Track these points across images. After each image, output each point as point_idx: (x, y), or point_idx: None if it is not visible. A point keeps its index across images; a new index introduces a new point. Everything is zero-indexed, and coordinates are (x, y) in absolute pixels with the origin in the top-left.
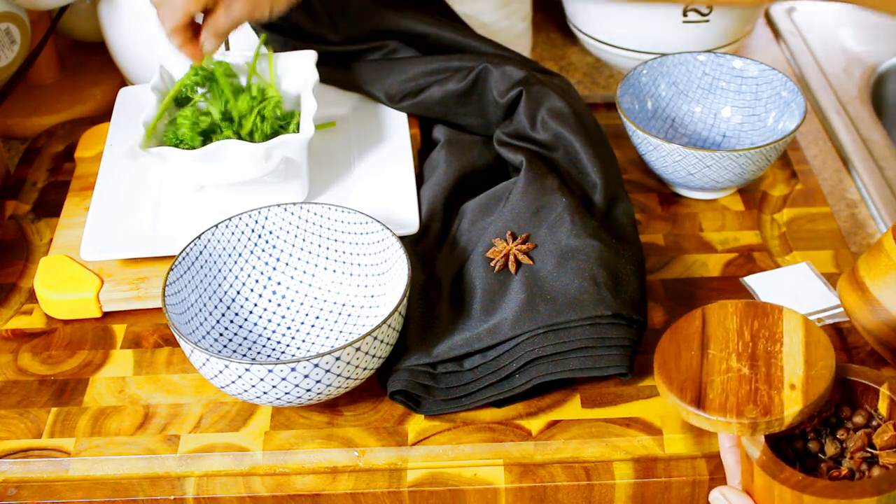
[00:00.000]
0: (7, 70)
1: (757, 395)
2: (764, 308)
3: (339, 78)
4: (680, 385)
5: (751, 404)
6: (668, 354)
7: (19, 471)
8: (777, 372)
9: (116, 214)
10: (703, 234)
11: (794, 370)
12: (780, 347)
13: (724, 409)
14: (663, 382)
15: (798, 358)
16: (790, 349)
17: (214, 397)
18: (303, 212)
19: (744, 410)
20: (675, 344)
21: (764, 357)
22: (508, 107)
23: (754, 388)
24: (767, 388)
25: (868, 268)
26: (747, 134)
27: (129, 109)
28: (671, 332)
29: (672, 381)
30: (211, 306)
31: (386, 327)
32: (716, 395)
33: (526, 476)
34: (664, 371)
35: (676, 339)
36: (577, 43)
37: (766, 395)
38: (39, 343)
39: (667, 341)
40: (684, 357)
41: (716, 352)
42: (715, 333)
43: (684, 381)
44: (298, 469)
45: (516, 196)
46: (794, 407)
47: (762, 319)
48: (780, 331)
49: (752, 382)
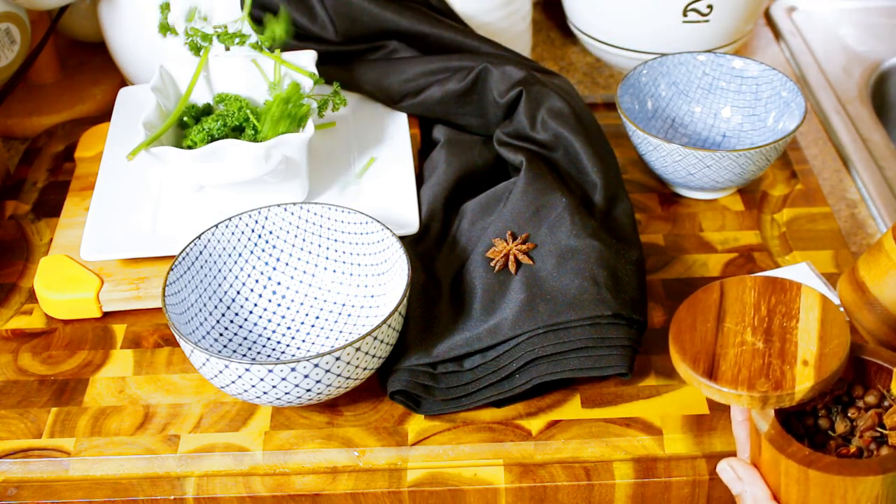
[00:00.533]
0: (7, 70)
1: (769, 370)
2: (783, 284)
3: (340, 78)
4: (693, 356)
5: (763, 378)
6: (683, 325)
7: (19, 471)
8: (791, 347)
9: (116, 214)
10: (703, 234)
11: (808, 346)
12: (795, 323)
13: (736, 381)
14: (677, 352)
15: (813, 335)
16: (805, 325)
17: (214, 397)
18: (303, 212)
19: (755, 384)
20: (692, 315)
21: (779, 332)
22: (508, 107)
23: (767, 363)
24: (780, 362)
25: (868, 268)
26: (747, 134)
27: (129, 109)
28: (689, 302)
29: (686, 352)
30: (211, 306)
31: (386, 327)
32: (728, 367)
33: (526, 476)
34: (678, 341)
35: (693, 310)
36: (577, 43)
37: (778, 369)
38: (39, 343)
39: (683, 312)
40: (699, 328)
41: (731, 325)
42: (732, 307)
43: (698, 352)
44: (298, 469)
45: (516, 196)
46: (806, 383)
47: (780, 295)
48: (796, 307)
49: (766, 357)
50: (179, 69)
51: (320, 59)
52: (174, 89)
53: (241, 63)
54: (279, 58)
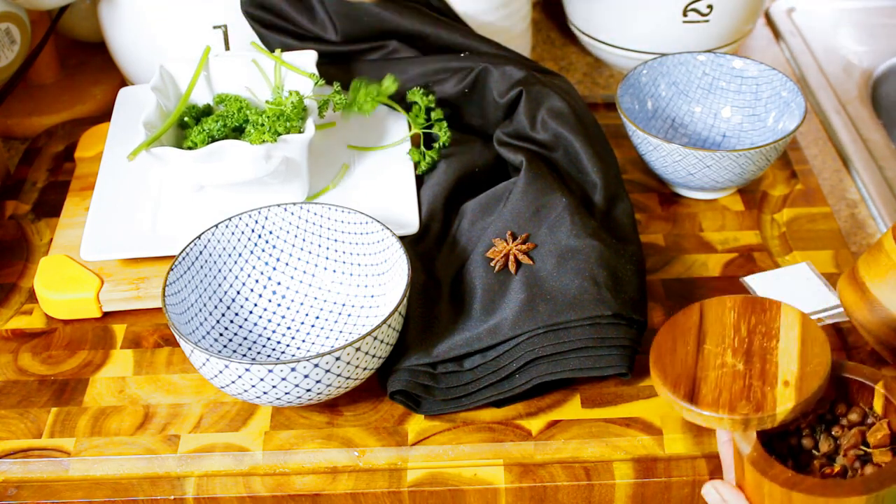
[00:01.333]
0: (7, 70)
1: (750, 392)
2: (762, 304)
3: (340, 78)
4: (674, 380)
5: (743, 400)
6: (664, 348)
7: (19, 471)
8: (772, 368)
9: (116, 214)
10: (703, 234)
11: (789, 367)
12: (775, 343)
13: (717, 404)
14: (658, 377)
15: (793, 354)
16: (786, 345)
17: (214, 397)
18: (303, 212)
19: (736, 406)
20: (672, 338)
21: (759, 353)
22: (508, 107)
23: (748, 385)
24: (761, 384)
25: (868, 268)
26: (747, 134)
27: (129, 109)
28: (669, 325)
29: (667, 376)
30: (211, 306)
31: (386, 327)
32: (709, 390)
33: (526, 476)
34: (659, 365)
35: (673, 332)
36: (577, 43)
37: (759, 391)
38: (39, 343)
39: (663, 335)
40: (680, 351)
41: (711, 347)
42: (712, 328)
43: (678, 375)
44: (298, 469)
45: (516, 196)
46: (787, 404)
47: (760, 315)
48: (776, 326)
49: (746, 378)
50: (179, 69)
51: (320, 59)
52: (174, 89)
53: (241, 63)
54: (279, 58)
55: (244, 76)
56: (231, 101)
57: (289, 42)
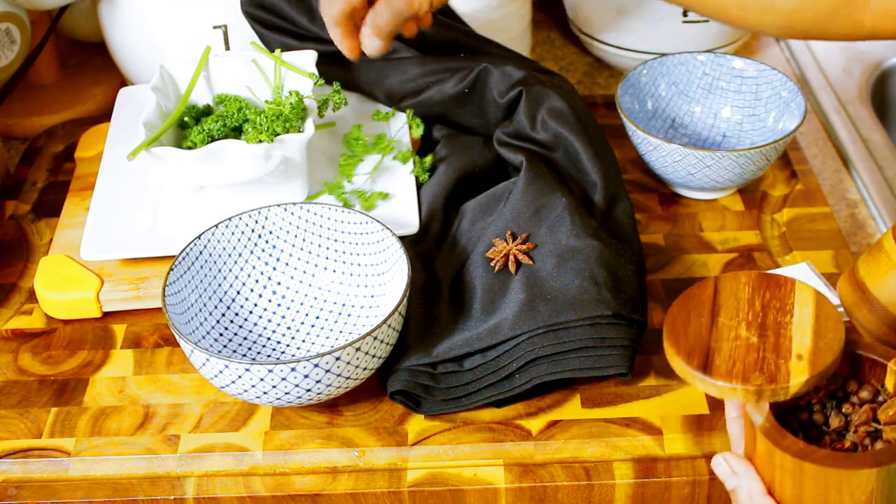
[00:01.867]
0: (7, 70)
1: (764, 364)
2: (777, 280)
3: (340, 78)
4: (688, 350)
5: (757, 371)
6: (677, 320)
7: (19, 471)
8: (785, 342)
9: (116, 214)
10: (703, 234)
11: (803, 341)
12: (790, 318)
13: (731, 375)
14: (671, 347)
15: (807, 329)
16: (800, 320)
17: (214, 397)
18: (303, 212)
19: (750, 377)
20: (686, 310)
21: (773, 327)
22: (508, 107)
23: (761, 357)
24: (775, 356)
25: (868, 268)
26: (747, 134)
27: (129, 109)
28: (683, 298)
29: (680, 347)
30: (211, 306)
31: (386, 327)
32: (723, 361)
33: (526, 476)
34: (672, 336)
35: (687, 305)
36: (577, 43)
37: (772, 363)
38: (39, 343)
39: (677, 307)
40: (693, 323)
41: (725, 320)
42: (726, 302)
43: (692, 346)
44: (298, 469)
45: (516, 196)
46: (801, 377)
47: (774, 291)
48: (791, 302)
49: (760, 351)
50: (179, 69)
51: (320, 59)
52: (174, 89)
53: (241, 63)
54: (279, 58)
55: (244, 76)
56: (231, 102)
57: (289, 42)
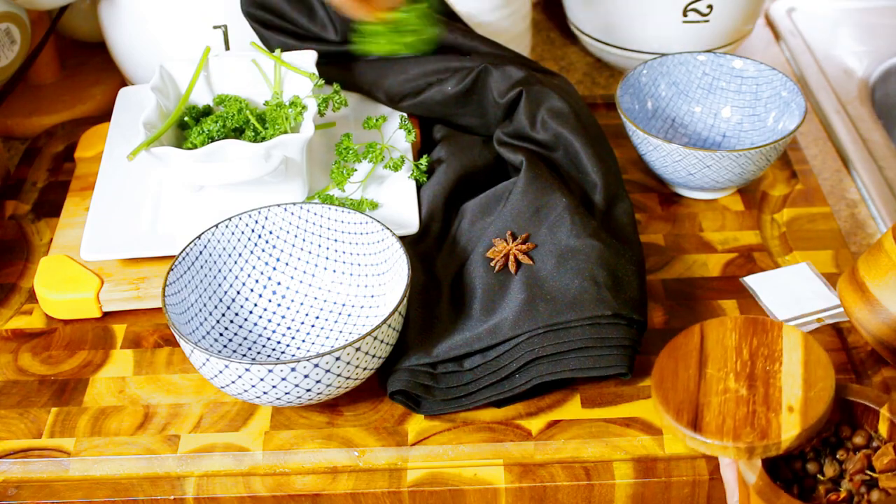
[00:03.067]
0: (7, 70)
1: (754, 418)
2: (764, 324)
3: (340, 78)
4: (677, 407)
5: (748, 427)
6: (665, 373)
7: (19, 471)
8: (775, 393)
9: (116, 214)
10: (703, 234)
11: (793, 391)
12: (779, 366)
13: (721, 432)
14: (660, 403)
15: (797, 378)
16: (789, 368)
17: (214, 397)
18: (303, 212)
19: (741, 434)
20: (673, 361)
21: (762, 377)
22: (508, 107)
23: (752, 411)
24: (765, 410)
25: (868, 268)
26: (747, 134)
27: (129, 109)
28: (669, 348)
29: (669, 402)
30: (211, 306)
31: (386, 327)
32: (713, 417)
33: (526, 476)
34: (661, 391)
35: (675, 356)
36: (577, 43)
37: (763, 417)
38: (39, 343)
39: (665, 358)
40: (681, 376)
41: (714, 371)
42: (713, 351)
43: (681, 402)
44: (298, 469)
45: (516, 196)
46: (792, 431)
47: (761, 336)
48: (779, 349)
49: (750, 404)
50: (179, 69)
51: (320, 59)
52: (174, 89)
53: (241, 63)
54: (279, 58)
55: (244, 76)
56: (231, 102)
57: (289, 42)
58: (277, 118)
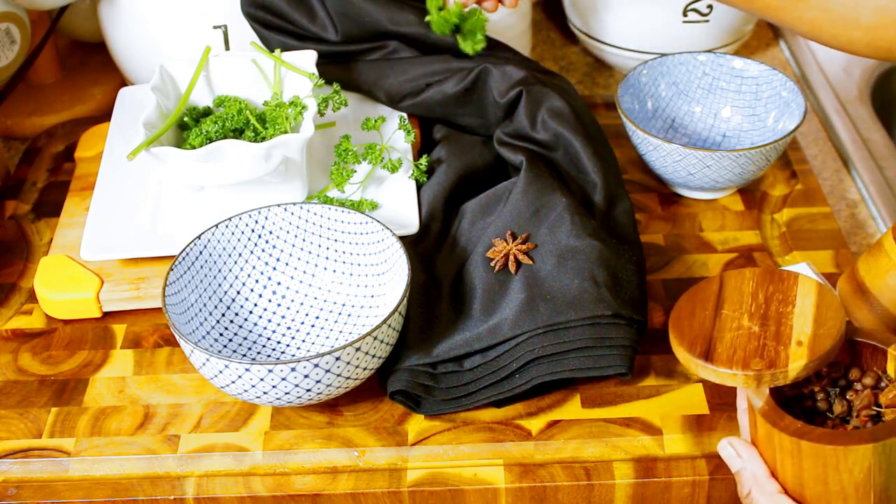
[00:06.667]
0: (7, 70)
1: (764, 350)
2: (781, 274)
3: (340, 78)
4: (691, 340)
5: (757, 358)
6: (683, 312)
7: (19, 471)
8: (786, 330)
9: (116, 214)
10: (703, 234)
11: (803, 328)
12: (791, 309)
13: (731, 361)
14: (675, 337)
15: (808, 318)
16: (801, 310)
17: (214, 397)
18: (303, 212)
19: (749, 363)
20: (691, 304)
21: (775, 317)
22: (508, 107)
23: (762, 344)
24: (775, 343)
25: (868, 268)
26: (747, 134)
27: (129, 109)
28: (689, 293)
29: (683, 337)
30: (211, 306)
31: (386, 327)
32: (724, 349)
33: (526, 476)
34: (677, 327)
35: (693, 299)
36: (577, 43)
37: (773, 350)
38: (39, 343)
39: (683, 301)
40: (698, 316)
41: (729, 312)
42: (731, 296)
43: (695, 336)
44: (298, 469)
45: (516, 196)
46: (799, 361)
47: (778, 284)
48: (793, 294)
49: (761, 339)
50: (179, 69)
51: (320, 59)
52: (174, 89)
53: (241, 63)
54: (279, 58)
55: (244, 76)
56: (231, 103)
57: (289, 42)
58: (277, 118)
